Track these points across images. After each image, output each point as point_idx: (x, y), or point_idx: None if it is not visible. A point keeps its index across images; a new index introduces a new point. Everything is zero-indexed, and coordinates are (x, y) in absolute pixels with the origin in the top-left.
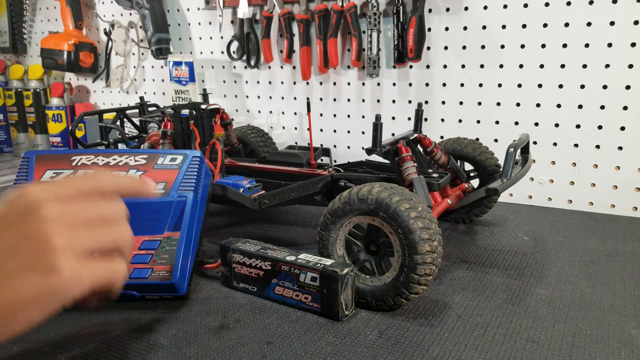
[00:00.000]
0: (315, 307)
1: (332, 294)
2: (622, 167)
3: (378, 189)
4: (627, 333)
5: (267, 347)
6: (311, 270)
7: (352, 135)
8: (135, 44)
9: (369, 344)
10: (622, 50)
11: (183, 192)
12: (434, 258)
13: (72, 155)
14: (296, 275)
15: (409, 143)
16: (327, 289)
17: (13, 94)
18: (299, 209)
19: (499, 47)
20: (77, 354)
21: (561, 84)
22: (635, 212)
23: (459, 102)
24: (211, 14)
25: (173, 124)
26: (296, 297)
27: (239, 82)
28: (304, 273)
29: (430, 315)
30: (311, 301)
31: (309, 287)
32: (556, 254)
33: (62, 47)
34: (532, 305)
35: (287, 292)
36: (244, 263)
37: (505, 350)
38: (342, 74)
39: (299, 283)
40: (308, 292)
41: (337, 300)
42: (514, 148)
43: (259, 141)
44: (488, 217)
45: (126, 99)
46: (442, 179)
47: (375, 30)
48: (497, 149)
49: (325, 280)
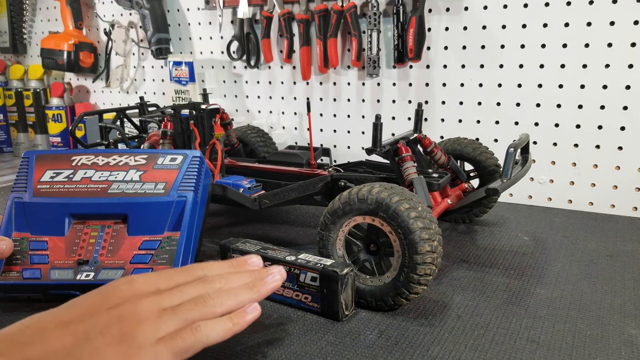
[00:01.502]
0: (315, 307)
1: (332, 294)
2: (622, 167)
3: (378, 189)
4: (627, 333)
5: (267, 347)
6: (311, 270)
7: (352, 135)
8: (135, 44)
9: (369, 344)
10: (622, 50)
11: (183, 192)
12: (434, 258)
13: (72, 155)
14: (296, 275)
15: (409, 143)
16: (327, 289)
17: (13, 94)
18: (299, 209)
19: (499, 47)
20: None
21: (561, 84)
22: (635, 212)
23: (459, 102)
24: (211, 14)
25: (173, 124)
26: (296, 297)
27: (239, 82)
28: (304, 273)
29: (430, 315)
30: (311, 301)
31: (309, 287)
32: (556, 254)
33: (62, 47)
34: (532, 305)
35: (287, 292)
36: None
37: (505, 350)
38: (342, 74)
39: (299, 283)
40: (308, 292)
41: (337, 300)
42: (514, 148)
43: (259, 141)
44: (488, 217)
45: (126, 99)
46: (442, 179)
47: (375, 30)
48: (497, 149)
49: (325, 280)
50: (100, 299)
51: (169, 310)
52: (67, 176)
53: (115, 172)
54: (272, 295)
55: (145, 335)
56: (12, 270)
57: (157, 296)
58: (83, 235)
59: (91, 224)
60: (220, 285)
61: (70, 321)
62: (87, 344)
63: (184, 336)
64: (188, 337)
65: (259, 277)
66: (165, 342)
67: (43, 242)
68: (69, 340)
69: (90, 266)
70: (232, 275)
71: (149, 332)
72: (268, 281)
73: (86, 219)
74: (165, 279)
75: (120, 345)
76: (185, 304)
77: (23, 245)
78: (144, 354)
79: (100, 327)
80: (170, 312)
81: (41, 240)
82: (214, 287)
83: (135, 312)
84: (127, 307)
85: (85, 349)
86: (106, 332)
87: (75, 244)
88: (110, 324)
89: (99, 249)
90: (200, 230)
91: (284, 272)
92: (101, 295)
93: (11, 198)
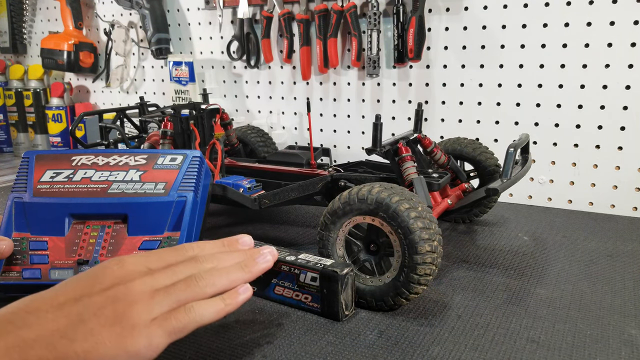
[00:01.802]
0: (315, 307)
1: (332, 294)
2: (622, 167)
3: (378, 189)
4: (627, 333)
5: (267, 347)
6: (311, 270)
7: (352, 135)
8: (135, 44)
9: (369, 344)
10: (622, 50)
11: (183, 192)
12: (434, 258)
13: (72, 155)
14: (296, 275)
15: (409, 143)
16: (327, 289)
17: (13, 94)
18: (299, 209)
19: (499, 47)
20: None
21: (561, 84)
22: (635, 212)
23: (459, 102)
24: (211, 14)
25: (173, 124)
26: (296, 297)
27: (239, 82)
28: (304, 273)
29: (430, 315)
30: (311, 301)
31: (309, 287)
32: (556, 254)
33: (62, 47)
34: (532, 305)
35: (287, 292)
36: None
37: (505, 350)
38: (342, 74)
39: (299, 283)
40: (308, 292)
41: (337, 300)
42: (514, 148)
43: (259, 141)
44: (488, 217)
45: (126, 99)
46: (442, 179)
47: (375, 30)
48: (497, 149)
49: (325, 280)
50: (93, 280)
51: (162, 290)
52: (67, 176)
53: (115, 172)
54: (272, 295)
55: (139, 316)
56: (12, 270)
57: (150, 277)
58: (83, 236)
59: (91, 224)
60: (211, 265)
61: (64, 303)
62: (81, 325)
63: (177, 317)
64: (182, 317)
65: (250, 257)
66: (158, 323)
67: (43, 242)
68: (63, 322)
69: (90, 266)
70: (223, 255)
71: (143, 312)
72: (259, 261)
73: (86, 219)
74: (156, 259)
75: (114, 327)
76: (177, 285)
77: (23, 245)
78: (138, 335)
79: (94, 309)
80: (163, 292)
81: (41, 240)
82: (206, 267)
83: (129, 293)
84: (120, 288)
85: (79, 330)
86: (100, 313)
87: (75, 244)
88: (104, 306)
89: (99, 249)
90: (200, 230)
91: (275, 252)
92: (93, 276)
93: (11, 198)
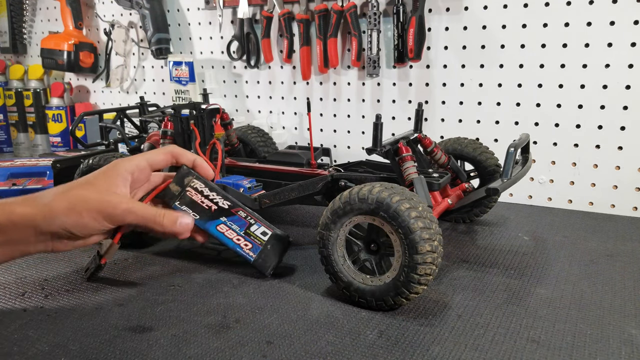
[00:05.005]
0: (250, 255)
1: (273, 252)
2: (622, 167)
3: (378, 189)
4: (627, 333)
5: (267, 347)
6: (266, 227)
7: (352, 135)
8: (135, 44)
9: (369, 344)
10: (622, 50)
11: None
12: (434, 258)
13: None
14: (249, 223)
15: (409, 143)
16: (272, 246)
17: (13, 94)
18: (299, 209)
19: (499, 47)
20: (77, 354)
21: (561, 84)
22: (635, 212)
23: (459, 102)
24: (211, 14)
25: (173, 123)
26: (236, 241)
27: (239, 82)
28: (258, 225)
29: (430, 315)
30: (250, 249)
31: (256, 237)
32: (556, 254)
33: (62, 47)
34: (532, 305)
35: (230, 234)
36: (201, 192)
37: (505, 350)
38: (342, 74)
39: (248, 231)
40: (252, 241)
41: (275, 257)
42: (514, 148)
43: (259, 141)
44: (488, 217)
45: (126, 99)
46: (442, 179)
47: (375, 30)
48: (497, 149)
49: (276, 239)
50: None
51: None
52: None
53: None
54: (212, 230)
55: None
56: None
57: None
58: None
59: None
60: None
61: None
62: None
63: None
64: None
65: None
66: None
67: None
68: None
69: None
70: None
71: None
72: None
73: None
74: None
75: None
76: None
77: None
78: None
79: (89, 178)
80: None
81: None
82: None
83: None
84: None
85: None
86: (94, 180)
87: None
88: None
89: None
90: None
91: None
92: None
93: None
